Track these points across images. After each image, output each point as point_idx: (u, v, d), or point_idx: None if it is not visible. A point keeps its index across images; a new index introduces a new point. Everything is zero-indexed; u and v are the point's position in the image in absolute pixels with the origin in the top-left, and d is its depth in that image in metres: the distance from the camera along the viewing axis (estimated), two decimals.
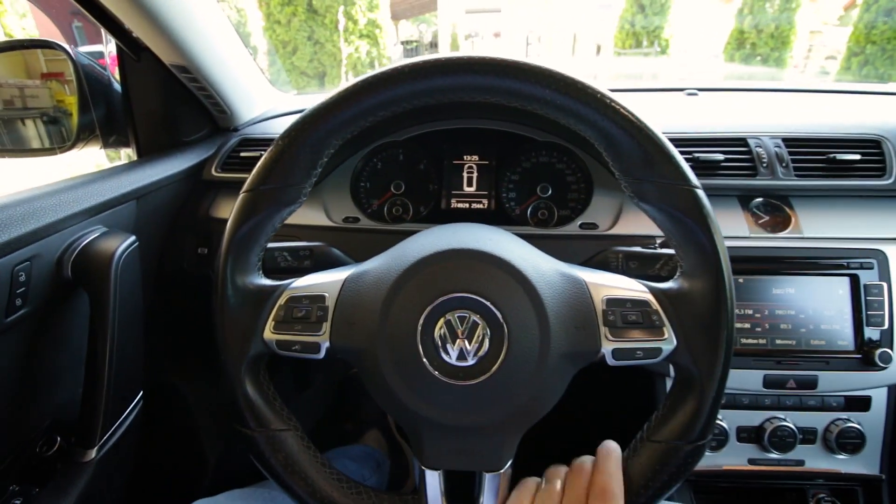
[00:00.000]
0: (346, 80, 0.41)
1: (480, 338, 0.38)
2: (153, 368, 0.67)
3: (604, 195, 0.73)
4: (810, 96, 0.94)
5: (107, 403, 0.54)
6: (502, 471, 0.41)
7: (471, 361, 0.38)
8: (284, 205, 0.42)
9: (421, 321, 0.38)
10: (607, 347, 0.39)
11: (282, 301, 0.42)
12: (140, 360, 0.61)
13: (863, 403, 0.67)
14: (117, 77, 0.76)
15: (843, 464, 0.67)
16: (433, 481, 0.41)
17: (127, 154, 0.81)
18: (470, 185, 0.77)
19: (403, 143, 0.79)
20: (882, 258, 0.66)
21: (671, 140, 0.39)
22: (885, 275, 0.65)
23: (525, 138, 0.78)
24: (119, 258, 0.57)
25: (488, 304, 0.38)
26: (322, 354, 0.42)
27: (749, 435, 0.67)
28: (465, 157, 0.80)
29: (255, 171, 0.41)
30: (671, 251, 0.55)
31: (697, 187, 0.38)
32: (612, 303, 0.40)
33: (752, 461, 0.68)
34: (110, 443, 0.55)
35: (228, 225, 0.42)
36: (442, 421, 0.39)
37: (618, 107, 0.38)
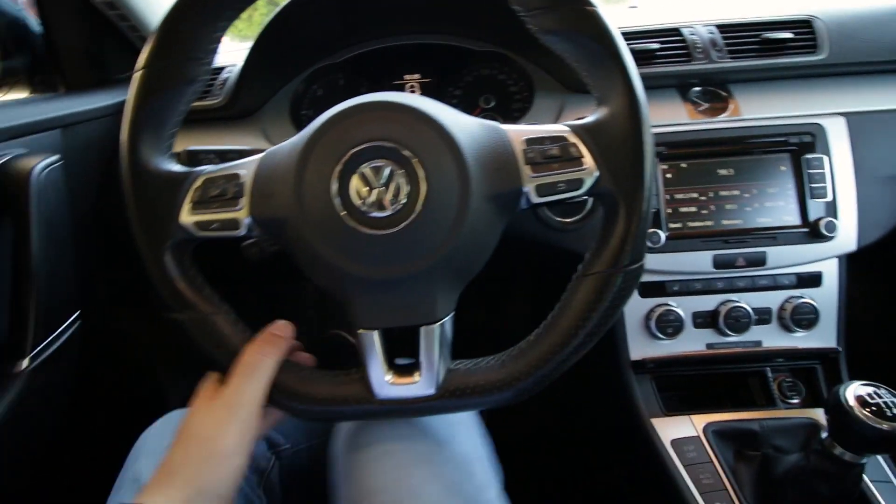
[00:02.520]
0: None
1: (398, 185, 0.37)
2: (94, 305, 0.65)
3: (545, 97, 0.72)
4: None
5: (37, 318, 0.52)
6: (439, 322, 0.39)
7: (390, 210, 0.37)
8: (186, 82, 0.40)
9: (335, 177, 0.37)
10: (529, 185, 0.38)
11: (198, 184, 0.40)
12: (72, 280, 0.59)
13: (814, 280, 0.67)
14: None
15: (799, 340, 0.67)
16: (371, 344, 0.39)
17: None
18: None
19: (342, 66, 0.78)
20: (820, 132, 0.66)
21: None
22: (824, 148, 0.66)
23: (464, 50, 0.76)
24: (39, 174, 0.55)
25: (401, 149, 0.37)
26: (243, 230, 0.40)
27: (705, 320, 0.67)
28: (405, 76, 0.79)
29: (147, 46, 0.39)
30: None
31: (595, 6, 0.37)
32: (532, 142, 0.39)
33: (709, 346, 0.67)
34: (44, 355, 0.53)
35: (126, 105, 0.39)
36: (371, 275, 0.38)
37: None
